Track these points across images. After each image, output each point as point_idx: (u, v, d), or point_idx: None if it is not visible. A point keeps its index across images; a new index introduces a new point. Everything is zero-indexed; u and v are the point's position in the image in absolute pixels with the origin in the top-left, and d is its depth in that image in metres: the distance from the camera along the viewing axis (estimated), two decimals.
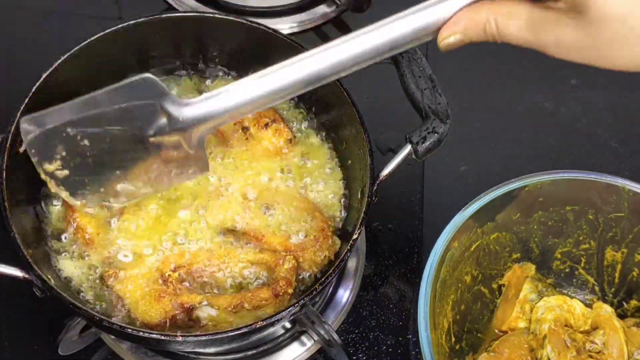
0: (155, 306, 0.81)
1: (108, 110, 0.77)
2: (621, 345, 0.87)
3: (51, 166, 0.80)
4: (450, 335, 0.88)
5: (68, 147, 0.79)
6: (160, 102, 0.76)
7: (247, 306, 0.82)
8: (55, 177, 0.80)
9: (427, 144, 0.86)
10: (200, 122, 0.76)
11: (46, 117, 0.78)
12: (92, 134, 0.78)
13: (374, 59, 0.71)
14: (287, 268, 0.84)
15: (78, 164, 0.80)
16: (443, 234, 0.85)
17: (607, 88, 1.20)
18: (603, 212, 0.91)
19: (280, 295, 0.83)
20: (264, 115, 0.93)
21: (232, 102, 0.75)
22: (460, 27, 0.66)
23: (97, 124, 0.78)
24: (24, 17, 1.21)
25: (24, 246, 0.77)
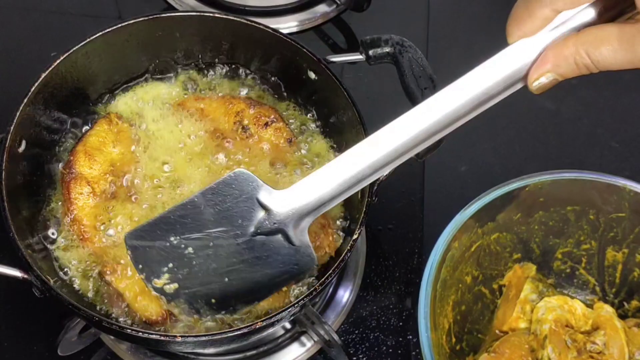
0: (155, 301, 0.81)
1: (207, 212, 0.76)
2: (622, 346, 0.86)
3: (160, 281, 0.79)
4: (451, 335, 0.88)
5: (173, 257, 0.78)
6: (256, 196, 0.75)
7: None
8: (165, 293, 0.79)
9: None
10: (299, 211, 0.74)
11: (148, 228, 0.78)
12: (195, 240, 0.77)
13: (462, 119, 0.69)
14: None
15: (186, 275, 0.79)
16: (443, 234, 0.85)
17: (607, 88, 1.20)
18: (604, 212, 0.91)
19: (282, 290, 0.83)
20: (264, 114, 0.93)
21: (328, 186, 0.72)
22: (548, 66, 0.63)
23: (198, 229, 0.77)
24: (24, 17, 1.21)
25: (23, 246, 0.77)
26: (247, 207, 0.76)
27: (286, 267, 0.79)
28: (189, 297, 0.80)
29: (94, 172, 0.87)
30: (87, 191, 0.86)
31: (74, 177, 0.87)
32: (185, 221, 0.77)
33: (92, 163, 0.87)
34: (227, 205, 0.76)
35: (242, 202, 0.76)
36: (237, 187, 0.76)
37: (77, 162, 0.87)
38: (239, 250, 0.78)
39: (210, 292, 0.79)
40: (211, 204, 0.76)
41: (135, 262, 0.79)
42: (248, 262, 0.78)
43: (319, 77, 0.91)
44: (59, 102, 0.89)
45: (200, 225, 0.77)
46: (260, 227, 0.76)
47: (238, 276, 0.79)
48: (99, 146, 0.89)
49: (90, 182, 0.86)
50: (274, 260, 0.78)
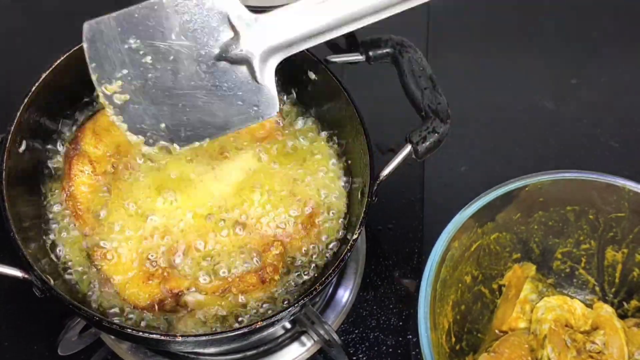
0: (144, 288, 0.81)
1: (173, 19, 0.71)
2: (621, 346, 0.86)
3: (112, 87, 0.75)
4: (451, 335, 0.88)
5: (130, 63, 0.73)
6: (228, 14, 0.70)
7: (234, 291, 0.82)
8: (114, 103, 0.75)
9: (427, 143, 0.86)
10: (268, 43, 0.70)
11: (109, 22, 0.73)
12: (156, 49, 0.72)
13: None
14: (275, 254, 0.84)
15: (139, 87, 0.74)
16: (443, 234, 0.85)
17: (607, 88, 1.20)
18: (603, 212, 0.91)
19: (267, 281, 0.83)
20: None
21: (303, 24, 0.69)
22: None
23: (162, 36, 0.72)
24: (24, 17, 1.21)
25: (23, 246, 0.77)
26: (215, 24, 0.71)
27: (245, 105, 0.75)
28: (138, 114, 0.75)
29: (98, 152, 0.87)
30: (88, 169, 0.86)
31: (77, 153, 0.87)
32: (148, 23, 0.72)
33: (98, 143, 0.87)
34: (196, 16, 0.72)
35: (211, 17, 0.71)
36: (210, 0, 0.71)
37: (83, 139, 0.87)
38: (199, 73, 0.73)
39: (161, 114, 0.75)
40: (179, 11, 0.72)
41: (90, 59, 0.74)
42: (207, 90, 0.74)
43: (319, 77, 0.92)
44: (59, 101, 0.89)
45: (163, 32, 0.72)
46: (226, 51, 0.72)
47: (194, 103, 0.74)
48: (107, 127, 0.88)
49: (93, 162, 0.86)
50: (234, 95, 0.74)
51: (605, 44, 1.24)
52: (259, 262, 0.84)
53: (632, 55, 1.23)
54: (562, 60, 1.22)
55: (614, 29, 1.25)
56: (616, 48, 1.23)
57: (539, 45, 1.24)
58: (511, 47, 1.23)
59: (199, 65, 0.73)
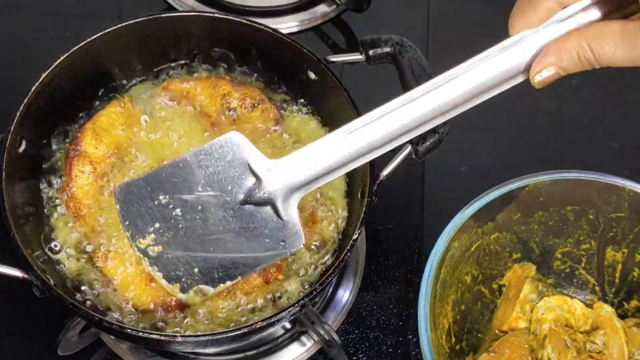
0: (147, 291, 0.81)
1: (198, 174, 0.77)
2: (622, 346, 0.86)
3: (145, 241, 0.79)
4: (451, 335, 0.88)
5: (161, 217, 0.78)
6: (248, 162, 0.75)
7: (239, 293, 0.82)
8: (149, 255, 0.79)
9: (427, 143, 0.86)
10: (290, 183, 0.74)
11: (139, 184, 0.78)
12: (184, 202, 0.77)
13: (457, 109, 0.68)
14: None
15: (171, 238, 0.78)
16: (443, 234, 0.85)
17: (608, 88, 1.20)
18: (603, 212, 0.91)
19: (271, 281, 0.83)
20: (250, 95, 0.93)
21: (325, 162, 0.71)
22: (551, 59, 0.62)
23: (188, 190, 0.77)
24: (24, 17, 1.21)
25: (23, 246, 0.77)
26: (238, 172, 0.75)
27: (272, 242, 0.78)
28: (172, 262, 0.78)
29: (98, 152, 0.87)
30: (88, 170, 0.86)
31: (77, 154, 0.87)
32: (175, 180, 0.77)
33: (98, 143, 0.87)
34: (219, 168, 0.76)
35: (233, 167, 0.75)
36: (230, 150, 0.75)
37: (83, 139, 0.88)
38: (227, 218, 0.77)
39: (194, 259, 0.78)
40: (203, 165, 0.76)
41: (123, 218, 0.79)
42: (235, 232, 0.77)
43: (319, 77, 0.92)
44: (59, 102, 0.89)
45: (190, 186, 0.77)
46: (250, 195, 0.76)
47: (224, 246, 0.78)
48: (107, 127, 0.89)
49: (93, 162, 0.87)
50: (261, 234, 0.77)
51: None
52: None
53: None
54: None
55: None
56: None
57: None
58: None
59: (226, 211, 0.77)
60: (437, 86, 0.67)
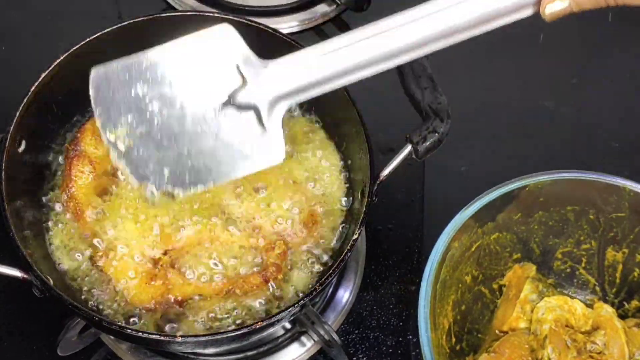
0: (147, 289, 0.81)
1: (181, 66, 0.71)
2: (622, 346, 0.86)
3: (116, 132, 0.74)
4: (451, 335, 0.88)
5: (136, 109, 0.72)
6: (237, 62, 0.71)
7: (238, 292, 0.82)
8: (117, 148, 0.74)
9: (427, 143, 0.86)
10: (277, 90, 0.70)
11: (118, 68, 0.73)
12: (162, 95, 0.72)
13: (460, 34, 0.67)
14: (278, 253, 0.84)
15: (144, 134, 0.73)
16: (443, 234, 0.85)
17: (607, 88, 1.20)
18: (604, 212, 0.91)
19: (270, 280, 0.83)
20: None
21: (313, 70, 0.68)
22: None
23: (169, 84, 0.72)
24: (24, 17, 1.21)
25: (23, 246, 0.77)
26: (224, 70, 0.71)
27: (252, 151, 0.74)
28: (142, 159, 0.74)
29: (98, 152, 0.87)
30: (88, 170, 0.86)
31: (77, 154, 0.86)
32: (156, 70, 0.72)
33: (98, 143, 0.87)
34: (204, 63, 0.72)
35: (220, 63, 0.71)
36: (218, 44, 0.71)
37: (83, 139, 0.87)
38: (206, 120, 0.72)
39: (166, 159, 0.74)
40: (188, 57, 0.72)
41: (95, 104, 0.73)
42: (212, 135, 0.73)
43: None
44: (59, 101, 0.89)
45: (171, 80, 0.72)
46: (234, 97, 0.72)
47: (199, 148, 0.73)
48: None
49: (93, 162, 0.86)
50: (240, 140, 0.73)
51: (605, 44, 1.24)
52: (262, 262, 0.84)
53: (632, 55, 1.23)
54: (562, 60, 1.22)
55: (614, 29, 1.25)
56: (616, 48, 1.23)
57: (539, 45, 1.24)
58: (511, 47, 1.23)
59: (206, 110, 0.72)
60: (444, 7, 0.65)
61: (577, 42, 1.24)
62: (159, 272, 0.82)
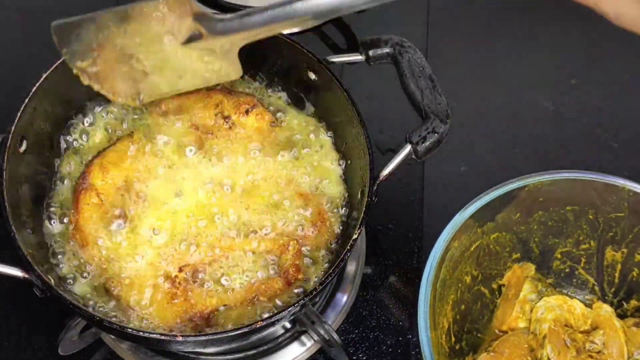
0: (170, 309, 0.81)
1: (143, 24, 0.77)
2: (621, 345, 0.87)
3: (83, 63, 0.80)
4: (450, 335, 0.88)
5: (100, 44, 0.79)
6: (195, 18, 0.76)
7: (263, 298, 0.82)
8: (88, 73, 0.80)
9: (427, 144, 0.86)
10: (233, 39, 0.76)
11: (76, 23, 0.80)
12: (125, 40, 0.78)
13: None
14: (293, 254, 0.84)
15: (109, 57, 0.79)
16: (443, 234, 0.85)
17: (607, 88, 1.20)
18: (603, 212, 0.91)
19: (292, 282, 0.83)
20: (243, 102, 0.93)
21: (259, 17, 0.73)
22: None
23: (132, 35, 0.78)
24: (24, 17, 1.21)
25: (24, 246, 0.77)
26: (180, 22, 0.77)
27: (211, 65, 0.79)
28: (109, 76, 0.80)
29: (105, 185, 0.87)
30: (94, 202, 0.85)
31: (85, 187, 0.86)
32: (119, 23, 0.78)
33: (106, 176, 0.87)
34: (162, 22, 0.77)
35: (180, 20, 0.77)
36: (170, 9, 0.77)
37: (90, 173, 0.86)
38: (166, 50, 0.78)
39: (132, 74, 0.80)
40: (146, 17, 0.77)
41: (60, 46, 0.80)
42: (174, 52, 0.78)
43: (319, 77, 0.92)
44: (60, 101, 0.89)
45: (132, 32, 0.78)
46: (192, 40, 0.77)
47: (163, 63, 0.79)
48: (116, 161, 0.88)
49: (100, 194, 0.86)
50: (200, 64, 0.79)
51: (605, 44, 1.24)
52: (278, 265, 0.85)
53: (632, 56, 1.23)
54: (562, 60, 1.22)
55: (614, 29, 1.25)
56: (616, 48, 1.23)
57: (539, 45, 1.24)
58: (511, 47, 1.23)
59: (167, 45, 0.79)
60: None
61: (577, 42, 1.25)
62: (178, 290, 0.82)
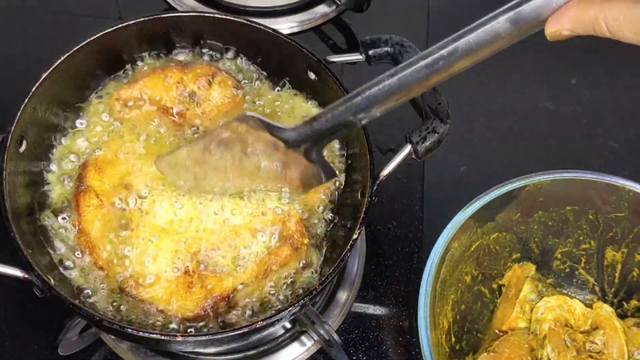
0: (189, 298, 0.81)
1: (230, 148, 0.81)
2: (621, 345, 0.87)
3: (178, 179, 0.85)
4: (451, 335, 0.88)
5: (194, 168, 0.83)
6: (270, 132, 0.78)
7: (275, 267, 0.83)
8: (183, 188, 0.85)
9: (427, 143, 0.86)
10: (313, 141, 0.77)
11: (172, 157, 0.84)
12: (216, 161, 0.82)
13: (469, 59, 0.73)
14: (295, 222, 0.85)
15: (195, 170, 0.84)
16: (443, 234, 0.85)
17: (607, 88, 1.20)
18: (603, 212, 0.91)
19: (299, 247, 0.84)
20: (202, 73, 0.93)
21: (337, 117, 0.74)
22: (568, 24, 0.64)
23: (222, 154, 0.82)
24: (24, 17, 1.21)
25: (24, 246, 0.77)
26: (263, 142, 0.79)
27: (309, 175, 0.82)
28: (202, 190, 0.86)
29: (103, 185, 0.86)
30: (95, 203, 0.85)
31: (83, 189, 0.86)
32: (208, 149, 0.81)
33: (102, 176, 0.86)
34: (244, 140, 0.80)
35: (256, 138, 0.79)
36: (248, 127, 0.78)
37: (87, 175, 0.86)
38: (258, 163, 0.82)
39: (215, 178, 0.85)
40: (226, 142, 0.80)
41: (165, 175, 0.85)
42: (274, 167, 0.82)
43: (319, 77, 0.92)
44: (59, 101, 0.89)
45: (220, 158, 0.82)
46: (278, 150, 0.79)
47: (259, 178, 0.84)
48: (110, 160, 0.88)
49: (100, 195, 0.85)
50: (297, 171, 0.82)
51: (605, 44, 1.24)
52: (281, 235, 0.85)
53: (632, 56, 1.23)
54: (562, 60, 1.22)
55: None
56: (616, 48, 1.23)
57: (539, 45, 1.24)
58: (511, 47, 1.23)
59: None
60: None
61: (577, 42, 1.24)
62: (193, 278, 0.82)
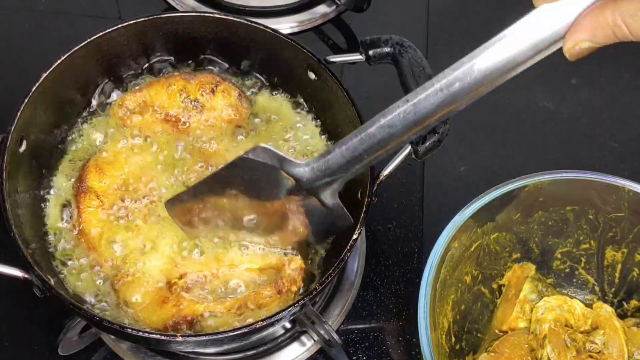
0: (158, 311, 0.81)
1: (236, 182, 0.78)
2: (621, 345, 0.87)
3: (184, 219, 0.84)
4: (450, 335, 0.88)
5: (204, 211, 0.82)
6: (281, 169, 0.74)
7: (251, 306, 0.82)
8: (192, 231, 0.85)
9: (427, 144, 0.86)
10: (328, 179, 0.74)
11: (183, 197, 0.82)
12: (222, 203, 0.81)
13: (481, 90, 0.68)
14: (294, 268, 0.84)
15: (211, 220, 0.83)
16: (443, 234, 0.85)
17: (607, 88, 1.20)
18: (603, 212, 0.91)
19: (284, 291, 0.83)
20: (205, 82, 0.93)
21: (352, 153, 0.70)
22: (586, 34, 0.60)
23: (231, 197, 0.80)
24: (24, 17, 1.21)
25: (24, 246, 0.77)
26: (275, 177, 0.75)
27: (324, 225, 0.80)
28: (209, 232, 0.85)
29: (103, 186, 0.87)
30: (95, 204, 0.85)
31: (83, 190, 0.86)
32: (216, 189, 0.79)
33: (102, 177, 0.87)
34: (255, 176, 0.76)
35: (268, 174, 0.75)
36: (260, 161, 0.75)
37: (87, 175, 0.87)
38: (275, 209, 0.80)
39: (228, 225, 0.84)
40: (238, 175, 0.77)
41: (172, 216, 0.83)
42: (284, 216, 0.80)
43: (319, 77, 0.92)
44: (59, 101, 0.89)
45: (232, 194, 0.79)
46: (292, 193, 0.76)
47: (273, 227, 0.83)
48: (111, 160, 0.88)
49: (100, 196, 0.86)
50: (310, 220, 0.80)
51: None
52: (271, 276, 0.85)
53: (632, 56, 1.23)
54: (562, 60, 1.22)
55: None
56: (616, 48, 1.23)
57: None
58: None
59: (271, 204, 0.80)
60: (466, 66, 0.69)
61: None
62: (171, 295, 0.82)
